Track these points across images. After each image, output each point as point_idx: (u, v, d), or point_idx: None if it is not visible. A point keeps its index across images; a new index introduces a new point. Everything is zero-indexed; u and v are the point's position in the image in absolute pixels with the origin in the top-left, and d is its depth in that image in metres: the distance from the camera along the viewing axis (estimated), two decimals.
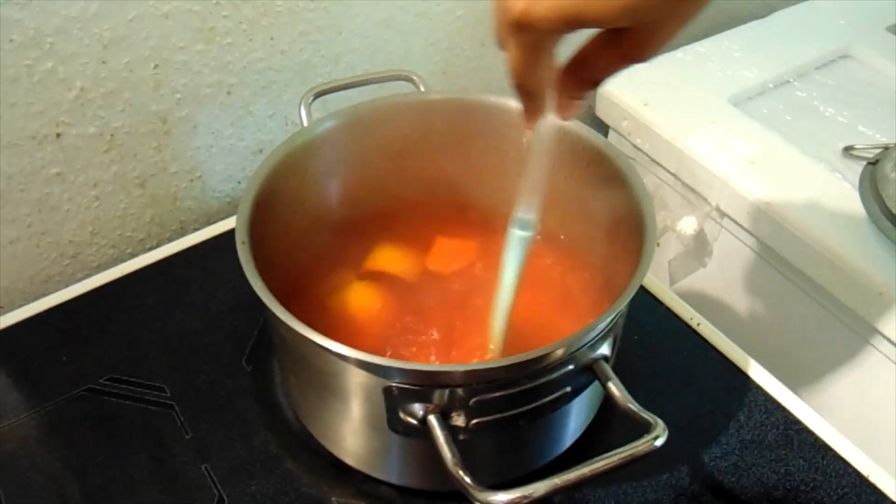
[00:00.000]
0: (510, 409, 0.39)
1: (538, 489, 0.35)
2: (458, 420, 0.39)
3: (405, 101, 0.54)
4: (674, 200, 0.76)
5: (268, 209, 0.47)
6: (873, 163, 0.67)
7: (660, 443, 0.37)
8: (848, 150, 0.70)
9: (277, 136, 0.69)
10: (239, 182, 0.70)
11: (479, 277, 0.53)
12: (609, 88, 0.77)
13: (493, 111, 0.53)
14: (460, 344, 0.49)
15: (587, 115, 0.82)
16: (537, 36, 0.31)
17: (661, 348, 0.56)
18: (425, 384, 0.38)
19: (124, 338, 0.56)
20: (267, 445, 0.50)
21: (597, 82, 0.34)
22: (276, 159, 0.48)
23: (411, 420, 0.39)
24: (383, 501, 0.47)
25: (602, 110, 0.79)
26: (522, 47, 0.31)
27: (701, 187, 0.71)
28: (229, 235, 0.47)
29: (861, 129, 0.73)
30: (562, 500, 0.47)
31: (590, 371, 0.41)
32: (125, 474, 0.48)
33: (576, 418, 0.48)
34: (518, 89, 0.34)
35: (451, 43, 0.74)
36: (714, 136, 0.72)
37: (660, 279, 0.61)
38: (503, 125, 0.53)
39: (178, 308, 0.58)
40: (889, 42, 0.85)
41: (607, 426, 0.50)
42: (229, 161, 0.68)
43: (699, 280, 0.77)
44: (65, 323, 0.57)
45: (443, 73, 0.76)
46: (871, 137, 0.72)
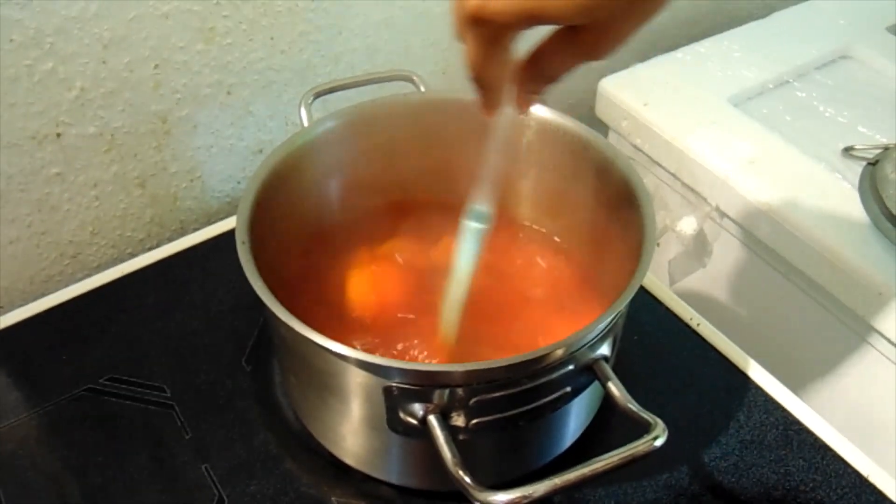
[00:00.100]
0: (510, 409, 0.39)
1: (538, 489, 0.35)
2: (458, 420, 0.39)
3: (405, 101, 0.54)
4: (674, 200, 0.76)
5: (268, 209, 0.47)
6: (873, 163, 0.67)
7: (660, 443, 0.37)
8: (848, 151, 0.70)
9: (277, 136, 0.69)
10: (239, 182, 0.70)
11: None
12: (609, 88, 0.77)
13: None
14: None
15: (587, 115, 0.82)
16: (493, 31, 0.31)
17: (661, 348, 0.56)
18: (425, 384, 0.38)
19: (124, 338, 0.56)
20: (267, 445, 0.50)
21: (554, 78, 0.34)
22: (277, 159, 0.48)
23: (411, 420, 0.39)
24: (383, 501, 0.47)
25: (602, 110, 0.79)
26: (479, 41, 0.31)
27: (701, 187, 0.71)
28: (229, 235, 0.47)
29: (861, 129, 0.73)
30: (562, 500, 0.47)
31: (590, 371, 0.41)
32: (125, 474, 0.48)
33: (576, 418, 0.48)
34: (475, 82, 0.34)
35: (451, 43, 0.74)
36: (714, 136, 0.72)
37: (660, 279, 0.61)
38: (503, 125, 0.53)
39: (178, 308, 0.58)
40: (889, 42, 0.85)
41: (607, 426, 0.50)
42: (229, 161, 0.68)
43: (699, 280, 0.77)
44: (65, 323, 0.57)
45: (443, 73, 0.76)
46: (871, 138, 0.72)
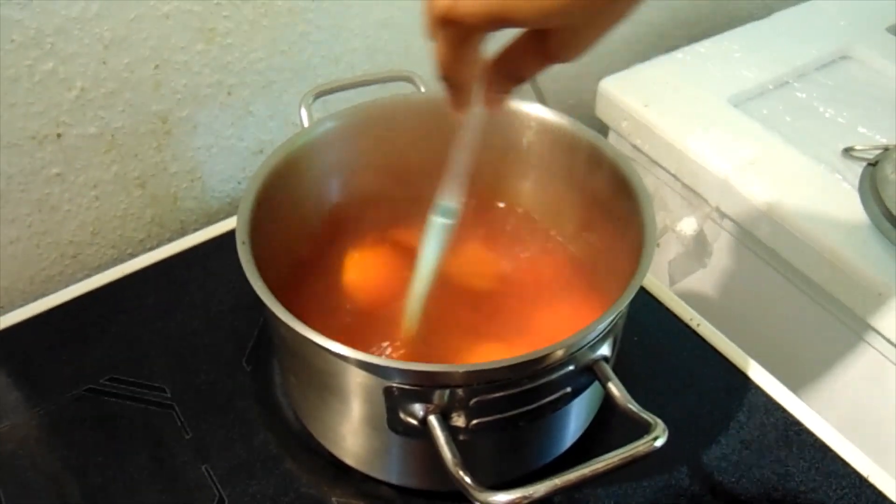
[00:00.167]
0: (510, 409, 0.39)
1: (538, 489, 0.35)
2: (459, 420, 0.39)
3: (405, 102, 0.54)
4: (674, 201, 0.76)
5: (268, 209, 0.47)
6: (873, 164, 0.67)
7: (660, 443, 0.37)
8: (848, 151, 0.70)
9: (278, 136, 0.69)
10: (239, 182, 0.70)
11: (477, 273, 0.53)
12: (609, 89, 0.77)
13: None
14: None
15: (587, 116, 0.82)
16: (461, 32, 0.31)
17: (661, 349, 0.56)
18: (425, 384, 0.38)
19: (124, 338, 0.56)
20: (267, 445, 0.50)
21: (522, 79, 0.34)
22: (277, 160, 0.48)
23: (411, 420, 0.39)
24: (383, 501, 0.47)
25: (602, 111, 0.79)
26: (447, 41, 0.32)
27: (701, 188, 0.71)
28: (230, 236, 0.47)
29: (861, 130, 0.73)
30: (562, 501, 0.47)
31: (590, 371, 0.41)
32: (125, 474, 0.48)
33: (576, 419, 0.48)
34: (444, 81, 0.34)
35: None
36: (714, 136, 0.72)
37: (660, 280, 0.61)
38: (504, 125, 0.53)
39: (179, 308, 0.58)
40: (889, 43, 0.85)
41: (607, 426, 0.50)
42: (230, 161, 0.68)
43: (699, 281, 0.77)
44: (65, 323, 0.57)
45: None
46: (871, 138, 0.72)
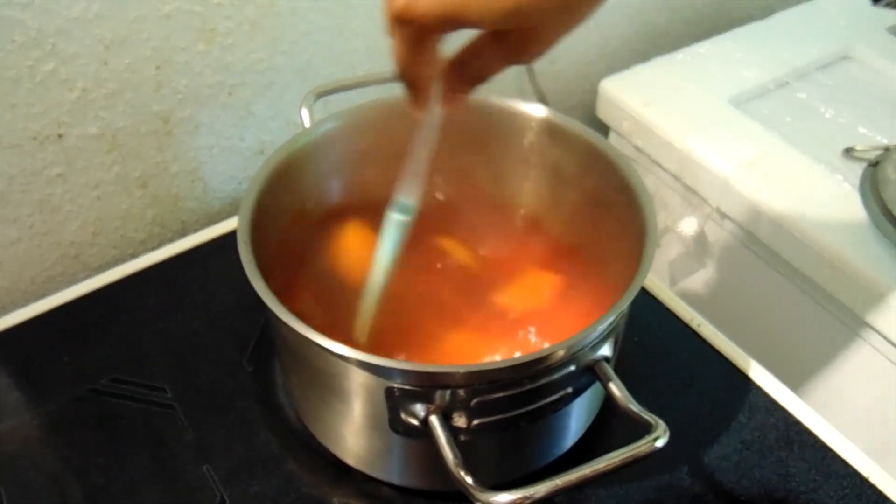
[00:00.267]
0: (511, 409, 0.40)
1: (539, 490, 0.35)
2: (460, 421, 0.39)
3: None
4: (674, 201, 0.76)
5: (269, 210, 0.47)
6: (874, 164, 0.67)
7: (661, 443, 0.37)
8: (848, 152, 0.70)
9: (279, 136, 0.69)
10: (240, 183, 0.70)
11: (477, 272, 0.53)
12: (610, 89, 0.77)
13: (494, 111, 0.53)
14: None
15: (588, 116, 0.82)
16: (418, 31, 0.31)
17: (662, 349, 0.56)
18: (427, 385, 0.38)
19: (126, 338, 0.56)
20: (268, 446, 0.50)
21: (481, 79, 0.34)
22: (278, 160, 0.48)
23: (413, 421, 0.39)
24: (384, 502, 0.47)
25: (603, 111, 0.79)
26: (405, 41, 0.32)
27: (701, 188, 0.71)
28: (231, 236, 0.47)
29: (861, 130, 0.73)
30: (563, 501, 0.47)
31: (591, 372, 0.41)
32: (126, 475, 0.48)
33: (577, 419, 0.48)
34: (401, 79, 0.34)
35: (452, 43, 0.74)
36: (715, 137, 0.72)
37: (660, 280, 0.61)
38: (504, 125, 0.53)
39: (180, 308, 0.58)
40: (889, 43, 0.85)
41: (608, 427, 0.50)
42: (231, 162, 0.68)
43: (700, 281, 0.77)
44: (66, 323, 0.57)
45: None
46: (872, 139, 0.72)
